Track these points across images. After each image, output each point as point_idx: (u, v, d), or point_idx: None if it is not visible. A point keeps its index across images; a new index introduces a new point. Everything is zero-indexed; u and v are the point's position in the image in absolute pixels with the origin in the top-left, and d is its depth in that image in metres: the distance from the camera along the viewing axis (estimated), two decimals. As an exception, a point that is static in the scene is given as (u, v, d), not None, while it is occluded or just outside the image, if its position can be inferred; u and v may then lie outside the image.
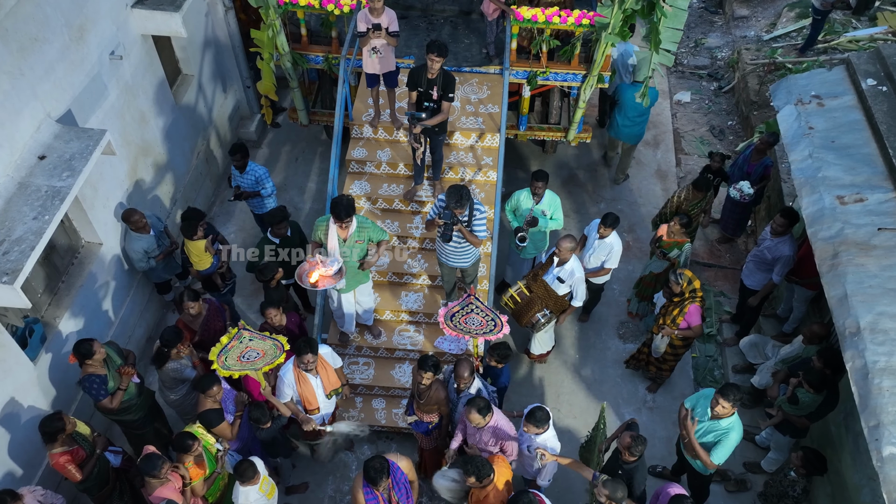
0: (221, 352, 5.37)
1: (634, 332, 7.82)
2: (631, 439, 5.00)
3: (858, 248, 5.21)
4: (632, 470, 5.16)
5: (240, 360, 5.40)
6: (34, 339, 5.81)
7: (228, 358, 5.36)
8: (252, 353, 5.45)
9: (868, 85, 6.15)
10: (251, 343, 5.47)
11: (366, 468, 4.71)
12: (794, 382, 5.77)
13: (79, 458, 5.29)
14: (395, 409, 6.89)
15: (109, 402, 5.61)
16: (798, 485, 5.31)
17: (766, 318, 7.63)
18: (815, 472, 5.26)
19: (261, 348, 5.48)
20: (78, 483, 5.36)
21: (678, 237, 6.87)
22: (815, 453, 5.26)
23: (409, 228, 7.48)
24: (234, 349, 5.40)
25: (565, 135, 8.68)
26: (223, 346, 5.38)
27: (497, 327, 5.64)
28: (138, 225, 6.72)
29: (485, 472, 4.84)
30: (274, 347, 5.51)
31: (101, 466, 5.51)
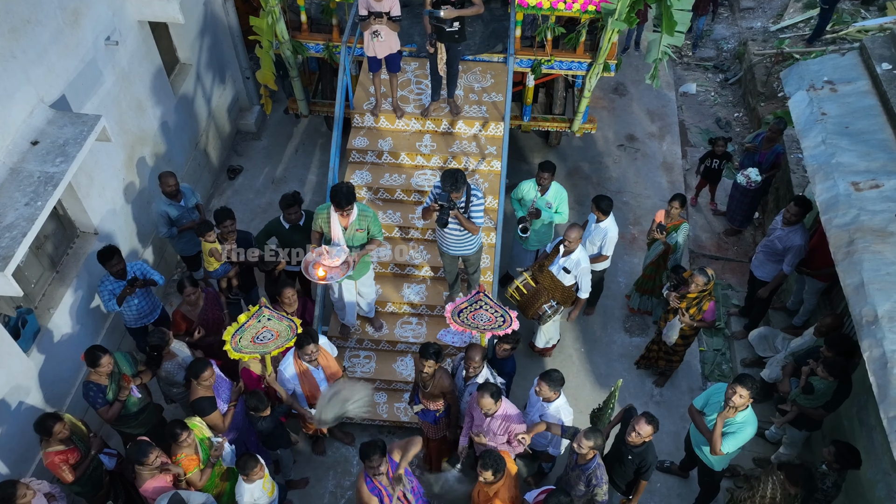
0: (237, 331, 5.20)
1: (641, 325, 7.67)
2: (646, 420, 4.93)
3: (875, 235, 5.05)
4: (642, 452, 5.07)
5: (253, 341, 5.25)
6: (27, 330, 5.67)
7: (243, 339, 5.21)
8: (267, 333, 5.30)
9: (883, 69, 5.99)
10: (269, 323, 5.32)
11: (361, 446, 4.71)
12: (805, 371, 5.64)
13: (73, 458, 5.15)
14: (398, 403, 6.74)
15: (106, 413, 5.46)
16: (829, 478, 5.17)
17: (776, 311, 7.47)
18: (850, 466, 5.11)
19: (276, 329, 5.34)
20: (70, 485, 5.21)
21: (675, 220, 6.72)
22: (847, 447, 5.11)
23: (411, 219, 7.33)
24: (251, 328, 5.24)
25: (570, 126, 8.53)
26: (240, 325, 5.21)
27: (506, 323, 5.52)
28: (169, 190, 6.58)
29: (501, 466, 4.80)
30: (288, 329, 5.38)
31: (95, 469, 5.37)
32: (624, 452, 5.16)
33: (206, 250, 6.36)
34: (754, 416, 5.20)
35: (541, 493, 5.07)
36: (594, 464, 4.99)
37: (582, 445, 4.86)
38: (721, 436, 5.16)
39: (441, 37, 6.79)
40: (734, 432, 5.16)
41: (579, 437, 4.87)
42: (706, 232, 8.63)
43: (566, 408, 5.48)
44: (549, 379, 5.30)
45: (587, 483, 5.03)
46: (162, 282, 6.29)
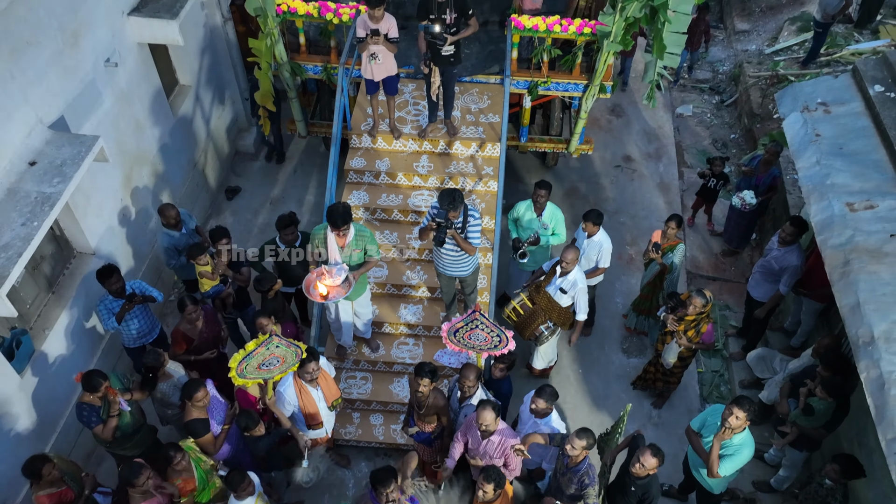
0: (244, 358, 5.16)
1: (638, 346, 7.64)
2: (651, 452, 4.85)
3: (870, 256, 5.06)
4: (646, 485, 5.00)
5: (259, 367, 5.22)
6: (21, 351, 5.63)
7: (249, 366, 5.17)
8: (274, 360, 5.27)
9: (876, 91, 6.04)
10: (276, 350, 5.29)
11: (373, 475, 4.65)
12: (803, 392, 5.61)
13: (66, 499, 5.04)
14: (394, 424, 6.69)
15: (101, 431, 5.41)
16: (837, 492, 5.15)
17: (774, 332, 7.45)
18: (854, 477, 5.08)
19: (282, 355, 5.30)
20: None
21: (672, 240, 6.73)
22: (847, 458, 5.08)
23: (408, 239, 7.33)
24: (259, 356, 5.20)
25: (567, 146, 8.58)
26: (248, 352, 5.16)
27: (502, 342, 5.50)
28: (170, 221, 6.58)
29: (503, 482, 4.79)
30: (294, 355, 5.34)
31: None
32: (628, 483, 5.09)
33: (198, 272, 6.37)
34: (752, 438, 5.16)
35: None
36: (585, 464, 4.98)
37: (575, 446, 4.85)
38: (718, 458, 5.12)
39: (436, 60, 6.86)
40: (731, 454, 5.12)
41: (571, 437, 4.87)
42: (703, 252, 8.64)
43: (559, 422, 5.47)
44: (545, 394, 5.30)
45: (579, 484, 5.00)
46: (160, 298, 6.27)
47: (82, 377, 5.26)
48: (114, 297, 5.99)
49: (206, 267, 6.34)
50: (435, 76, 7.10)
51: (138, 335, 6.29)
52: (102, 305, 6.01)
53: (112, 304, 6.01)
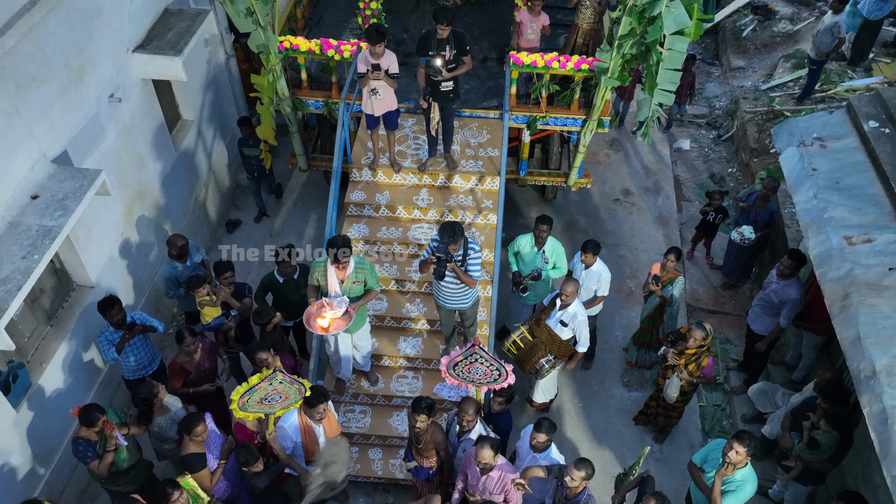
0: (247, 392, 5.13)
1: (639, 379, 7.59)
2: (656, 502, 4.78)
3: (869, 289, 5.07)
4: None
5: (261, 402, 5.18)
6: (18, 384, 5.59)
7: (251, 399, 5.14)
8: (276, 395, 5.24)
9: (870, 127, 6.12)
10: (279, 386, 5.26)
11: None
12: (807, 426, 5.56)
13: None
14: (393, 459, 6.61)
15: (97, 467, 5.36)
16: None
17: (775, 366, 7.41)
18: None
19: (285, 392, 5.27)
20: None
21: (671, 273, 6.74)
22: (853, 495, 5.01)
23: (407, 272, 7.34)
24: (261, 390, 5.18)
25: (566, 180, 8.64)
26: (250, 386, 5.15)
27: (502, 376, 5.47)
28: (176, 251, 6.60)
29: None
30: (297, 392, 5.30)
31: None
32: None
33: (198, 302, 6.38)
34: (754, 473, 5.10)
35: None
36: (584, 495, 4.91)
37: (574, 477, 4.79)
38: (721, 494, 5.06)
39: (435, 95, 6.96)
40: (734, 491, 5.05)
41: (570, 468, 4.82)
42: (703, 286, 8.64)
43: (558, 454, 5.42)
44: (543, 427, 5.25)
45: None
46: (161, 329, 6.25)
47: (80, 411, 5.22)
48: (115, 328, 5.98)
49: (206, 297, 6.35)
50: (434, 111, 7.19)
51: (138, 367, 6.26)
52: (103, 336, 6.00)
53: (112, 336, 5.99)
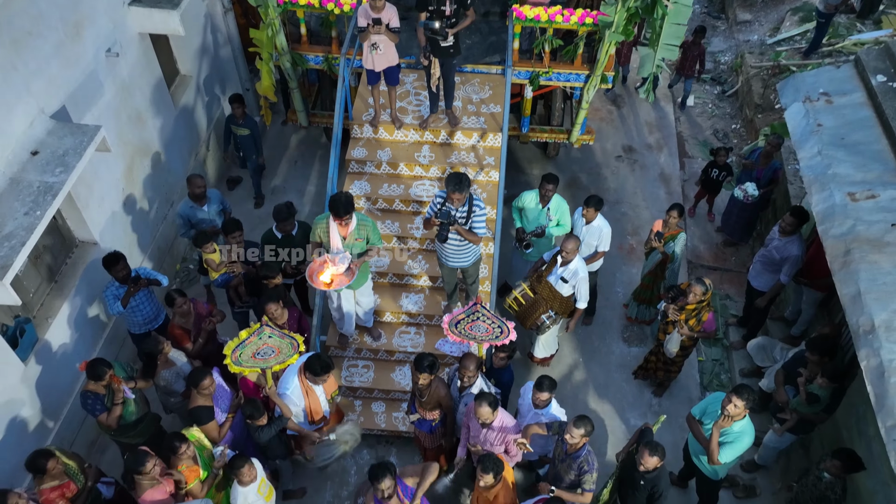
0: (237, 347, 5.20)
1: (639, 335, 7.67)
2: (648, 452, 4.85)
3: (871, 246, 5.07)
4: (654, 479, 5.01)
5: (254, 356, 5.25)
6: (25, 339, 5.67)
7: (243, 354, 5.21)
8: (267, 350, 5.30)
9: (878, 81, 6.04)
10: (269, 340, 5.32)
11: (371, 469, 4.65)
12: (801, 382, 5.65)
13: (70, 492, 5.08)
14: (396, 412, 6.73)
15: (105, 419, 5.46)
16: (837, 485, 5.16)
17: (774, 321, 7.47)
18: (854, 470, 5.13)
19: (277, 346, 5.33)
20: None
21: (673, 229, 6.74)
22: (848, 453, 5.11)
23: (409, 229, 7.35)
24: (251, 345, 5.24)
25: (568, 137, 8.58)
26: (241, 341, 5.22)
27: (503, 333, 5.52)
28: (197, 192, 6.74)
29: (500, 469, 4.82)
30: (289, 346, 5.36)
31: (95, 500, 5.31)
32: (636, 478, 5.09)
33: (205, 259, 6.41)
34: (752, 425, 5.19)
35: (536, 503, 5.05)
36: (584, 451, 5.01)
37: (573, 435, 4.88)
38: (718, 445, 5.16)
39: (436, 51, 6.85)
40: (731, 442, 5.15)
41: (569, 426, 4.90)
42: (704, 243, 8.65)
43: (559, 409, 5.51)
44: (544, 385, 5.33)
45: (578, 471, 5.04)
46: (165, 282, 6.30)
47: (87, 365, 5.30)
48: (119, 283, 6.03)
49: (214, 255, 6.37)
50: (435, 67, 7.09)
51: (143, 321, 6.33)
52: (108, 291, 6.07)
53: (118, 291, 6.05)
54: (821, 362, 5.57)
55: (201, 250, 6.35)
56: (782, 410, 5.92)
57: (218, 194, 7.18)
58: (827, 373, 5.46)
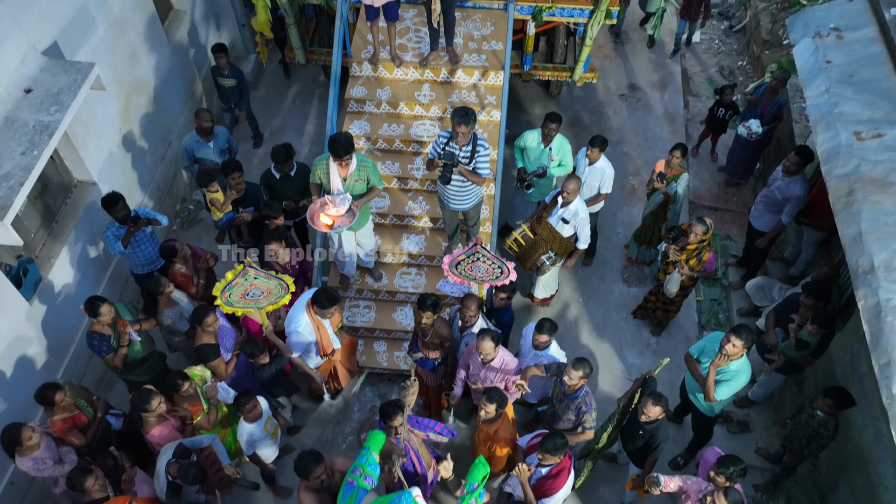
0: (225, 288, 5.25)
1: (639, 275, 7.71)
2: (652, 401, 4.92)
3: (875, 186, 5.03)
4: (653, 430, 5.11)
5: (244, 297, 5.30)
6: (28, 279, 5.70)
7: (232, 294, 5.26)
8: (256, 291, 5.34)
9: (891, 15, 5.86)
10: (256, 281, 5.35)
11: (381, 409, 4.76)
12: (792, 328, 5.71)
13: (80, 423, 5.22)
14: (397, 351, 6.83)
15: (112, 360, 5.55)
16: (829, 423, 5.28)
17: (773, 262, 7.51)
18: (846, 407, 5.24)
19: (266, 287, 5.37)
20: (81, 447, 5.29)
21: (676, 170, 6.69)
22: (838, 391, 5.22)
23: (409, 170, 7.29)
24: (239, 286, 5.28)
25: (571, 75, 8.41)
26: (227, 282, 5.26)
27: (504, 274, 5.55)
28: (205, 126, 6.73)
29: (504, 402, 4.91)
30: (279, 287, 5.40)
31: (104, 431, 5.47)
32: (636, 427, 5.18)
33: (208, 200, 6.38)
34: (748, 364, 5.27)
35: (534, 438, 5.18)
36: (582, 392, 5.10)
37: (572, 377, 4.95)
38: (715, 383, 5.25)
39: None
40: (728, 380, 5.25)
41: (567, 368, 4.97)
42: (706, 183, 8.60)
43: (559, 351, 5.58)
44: (544, 328, 5.37)
45: (576, 411, 5.15)
46: (165, 222, 6.30)
47: (84, 304, 5.36)
48: (120, 223, 6.03)
49: (217, 194, 6.35)
50: (435, 2, 6.87)
51: (145, 262, 6.36)
52: (109, 232, 6.08)
53: (118, 231, 6.06)
54: (814, 306, 5.62)
55: (205, 190, 6.32)
56: (771, 352, 6.01)
57: (225, 132, 7.11)
58: (817, 320, 5.52)
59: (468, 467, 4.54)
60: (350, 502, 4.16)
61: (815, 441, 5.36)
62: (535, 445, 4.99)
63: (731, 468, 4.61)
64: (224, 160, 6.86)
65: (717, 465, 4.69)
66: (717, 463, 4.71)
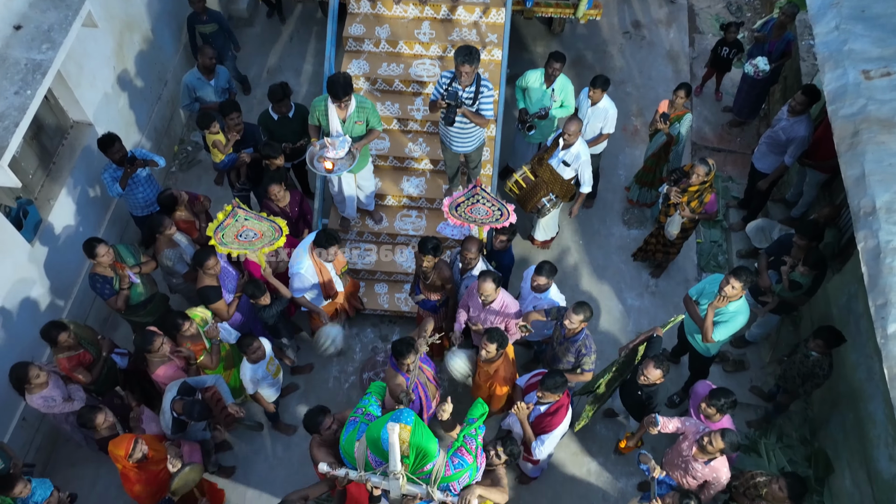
0: (218, 228, 5.27)
1: (639, 217, 7.70)
2: (654, 364, 4.95)
3: (881, 126, 4.97)
4: (652, 392, 5.18)
5: (237, 238, 5.31)
6: (28, 221, 5.70)
7: (225, 235, 5.28)
8: (249, 232, 5.36)
9: (906, -53, 5.67)
10: (247, 223, 5.37)
11: (394, 346, 4.81)
12: (785, 271, 5.74)
13: (85, 361, 5.31)
14: (398, 293, 6.88)
15: (115, 302, 5.59)
16: (824, 362, 5.38)
17: (775, 203, 7.48)
18: (837, 345, 5.32)
19: (258, 229, 5.38)
20: (88, 385, 5.39)
21: (679, 110, 6.60)
22: (829, 330, 5.29)
23: (409, 110, 7.19)
24: (230, 227, 5.30)
25: (574, 11, 8.18)
26: (219, 222, 5.29)
27: (503, 216, 5.54)
28: (207, 63, 6.69)
29: (505, 342, 4.97)
30: (272, 230, 5.41)
31: (110, 369, 5.57)
32: (635, 387, 5.23)
33: (210, 142, 6.32)
34: (747, 306, 5.32)
35: (533, 377, 5.27)
36: (582, 335, 5.17)
37: (572, 321, 5.00)
38: (713, 325, 5.31)
39: None
40: (726, 321, 5.30)
41: (568, 312, 5.01)
42: (709, 124, 8.49)
43: (558, 294, 5.62)
44: (544, 271, 5.39)
45: (576, 354, 5.24)
46: (163, 163, 6.26)
47: (83, 245, 5.38)
48: (117, 165, 6.00)
49: (219, 136, 6.28)
50: None
51: (144, 204, 6.34)
52: (106, 174, 6.05)
53: (115, 173, 6.03)
54: (808, 247, 5.64)
55: (207, 132, 6.24)
56: (764, 294, 6.06)
57: (226, 72, 7.01)
58: (809, 261, 5.55)
59: (467, 409, 4.64)
60: (353, 436, 4.28)
61: (809, 380, 5.47)
62: (534, 384, 5.08)
63: (722, 400, 4.78)
64: (223, 101, 6.76)
65: (708, 398, 4.84)
66: (708, 395, 4.84)
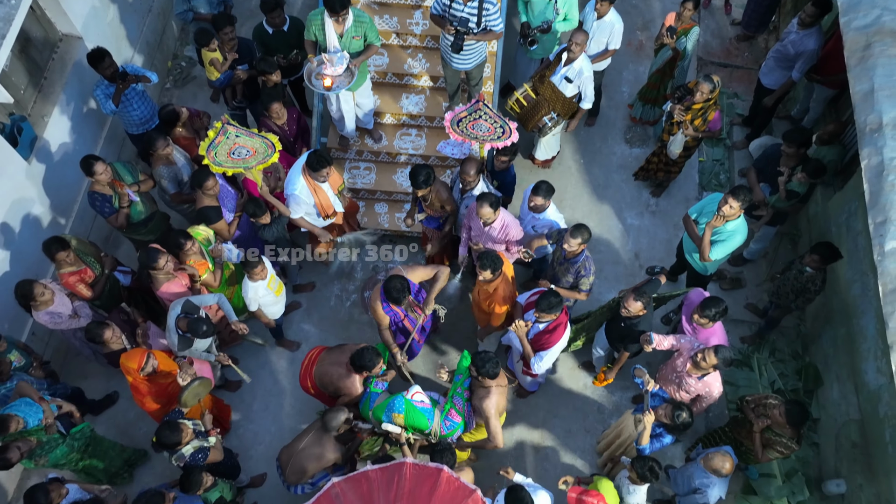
0: (210, 147, 5.22)
1: (642, 136, 7.60)
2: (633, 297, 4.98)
3: (894, 38, 4.84)
4: (634, 324, 5.18)
5: (230, 156, 5.27)
6: (24, 137, 5.63)
7: (218, 153, 5.23)
8: (242, 150, 5.31)
9: None
10: (238, 139, 5.31)
11: (386, 289, 4.86)
12: (782, 181, 5.73)
13: (88, 277, 5.35)
14: (398, 213, 6.88)
15: (115, 220, 5.60)
16: (817, 278, 5.44)
17: (780, 120, 7.37)
18: (832, 261, 5.38)
19: (250, 146, 5.33)
20: (91, 301, 5.46)
21: (686, 23, 6.41)
22: (825, 246, 5.33)
23: (408, 25, 6.97)
24: (222, 144, 5.25)
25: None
26: (210, 140, 5.24)
27: (505, 134, 5.48)
28: None
29: (499, 265, 5.02)
30: (265, 146, 5.36)
31: (113, 286, 5.62)
32: (620, 318, 5.26)
33: (207, 60, 6.16)
34: (745, 224, 5.33)
35: (532, 295, 5.35)
36: (582, 257, 5.22)
37: (571, 244, 5.04)
38: (710, 243, 5.34)
39: None
40: (724, 240, 5.32)
41: (566, 236, 5.04)
42: (717, 37, 8.25)
43: (556, 213, 5.62)
44: (541, 191, 5.37)
45: (575, 275, 5.30)
46: (155, 79, 6.13)
47: (80, 163, 5.34)
48: (109, 81, 5.87)
49: (216, 54, 6.12)
50: None
51: (139, 122, 6.25)
52: (99, 90, 5.93)
53: (108, 89, 5.91)
54: (797, 154, 5.63)
55: (205, 49, 6.07)
56: (757, 208, 6.07)
57: None
58: (808, 169, 5.54)
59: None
60: (367, 405, 4.95)
61: (802, 295, 5.55)
62: (534, 302, 5.16)
63: (713, 310, 4.93)
64: (216, 13, 6.53)
65: (699, 308, 4.97)
66: (699, 306, 4.96)
